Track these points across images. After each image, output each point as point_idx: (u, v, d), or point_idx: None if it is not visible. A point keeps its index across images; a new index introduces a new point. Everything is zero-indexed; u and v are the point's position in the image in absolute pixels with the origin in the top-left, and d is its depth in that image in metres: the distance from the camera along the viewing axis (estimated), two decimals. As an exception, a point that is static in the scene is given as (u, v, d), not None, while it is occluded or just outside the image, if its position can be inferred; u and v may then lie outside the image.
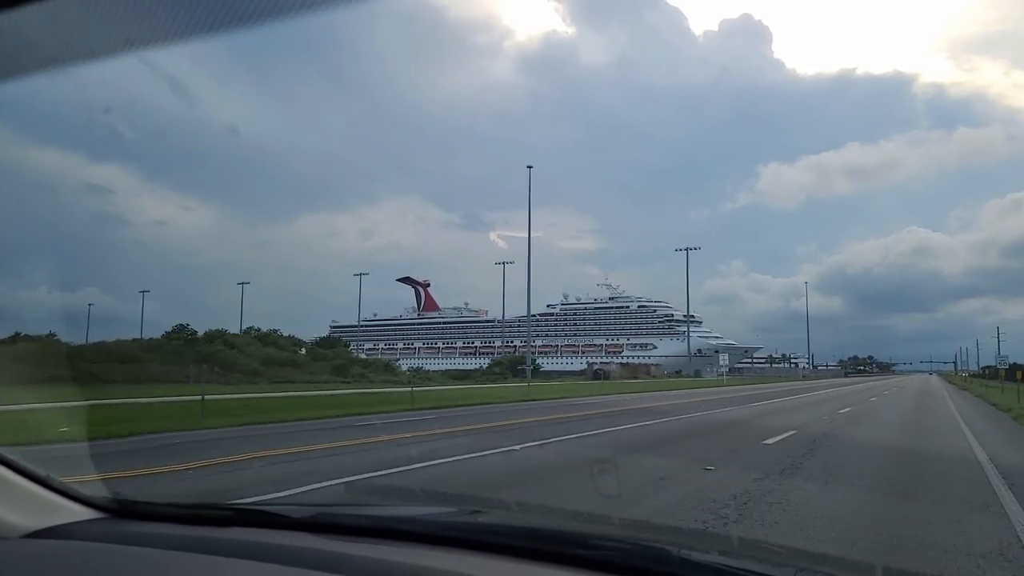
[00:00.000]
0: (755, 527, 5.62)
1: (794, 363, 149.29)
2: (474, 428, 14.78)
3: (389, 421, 16.22)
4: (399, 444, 11.69)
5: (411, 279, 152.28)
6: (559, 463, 9.46)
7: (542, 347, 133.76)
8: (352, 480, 7.84)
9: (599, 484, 6.63)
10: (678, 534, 3.54)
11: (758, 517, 5.98)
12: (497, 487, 7.58)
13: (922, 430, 16.55)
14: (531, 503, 5.95)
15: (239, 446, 10.93)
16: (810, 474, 8.57)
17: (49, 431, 9.53)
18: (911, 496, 7.49)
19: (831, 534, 5.50)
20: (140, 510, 1.97)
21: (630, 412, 20.50)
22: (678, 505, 6.48)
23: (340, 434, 12.88)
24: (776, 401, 28.09)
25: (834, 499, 7.15)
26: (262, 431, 13.86)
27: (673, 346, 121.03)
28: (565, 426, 15.34)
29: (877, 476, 8.92)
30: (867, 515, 6.46)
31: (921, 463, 10.46)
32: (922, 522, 6.12)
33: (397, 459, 9.58)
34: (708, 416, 19.24)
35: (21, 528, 1.71)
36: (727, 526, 5.62)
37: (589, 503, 5.98)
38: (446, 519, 2.06)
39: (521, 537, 1.70)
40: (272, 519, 1.87)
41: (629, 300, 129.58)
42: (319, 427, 14.74)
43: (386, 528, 1.79)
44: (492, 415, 19.14)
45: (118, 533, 1.79)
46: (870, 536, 5.52)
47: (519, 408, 22.64)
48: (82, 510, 1.89)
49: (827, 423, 16.72)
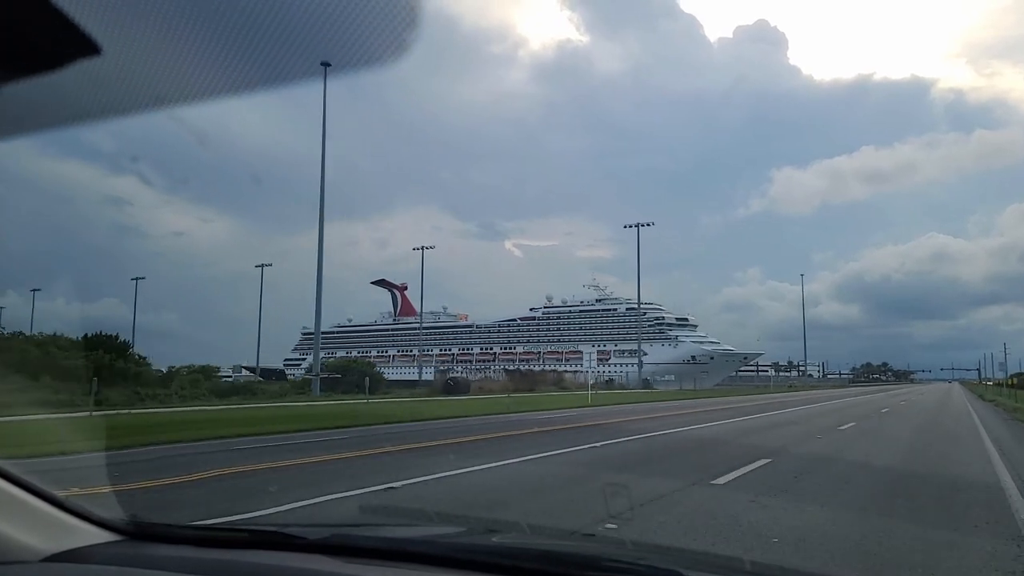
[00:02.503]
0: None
1: (802, 371, 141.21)
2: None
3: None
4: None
5: (386, 281, 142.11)
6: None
7: (523, 354, 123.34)
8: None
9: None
10: (690, 557, 3.31)
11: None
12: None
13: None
14: (544, 525, 5.78)
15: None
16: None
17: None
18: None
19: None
20: (157, 532, 1.98)
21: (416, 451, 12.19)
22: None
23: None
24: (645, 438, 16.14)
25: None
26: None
27: (665, 352, 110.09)
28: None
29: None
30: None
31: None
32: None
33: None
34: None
35: (40, 551, 1.69)
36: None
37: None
38: (460, 541, 2.11)
39: (535, 559, 1.71)
40: (287, 540, 1.89)
41: (617, 302, 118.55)
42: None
43: (401, 551, 1.81)
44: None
45: (136, 556, 1.80)
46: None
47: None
48: (99, 532, 1.87)
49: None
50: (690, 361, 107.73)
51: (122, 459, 10.70)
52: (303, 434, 15.54)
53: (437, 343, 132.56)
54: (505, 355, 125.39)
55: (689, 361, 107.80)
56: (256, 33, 1.25)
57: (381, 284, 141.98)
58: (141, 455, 11.50)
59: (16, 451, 9.74)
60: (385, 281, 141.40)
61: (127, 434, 13.78)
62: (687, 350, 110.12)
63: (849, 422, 20.44)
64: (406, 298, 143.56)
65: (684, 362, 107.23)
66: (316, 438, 14.44)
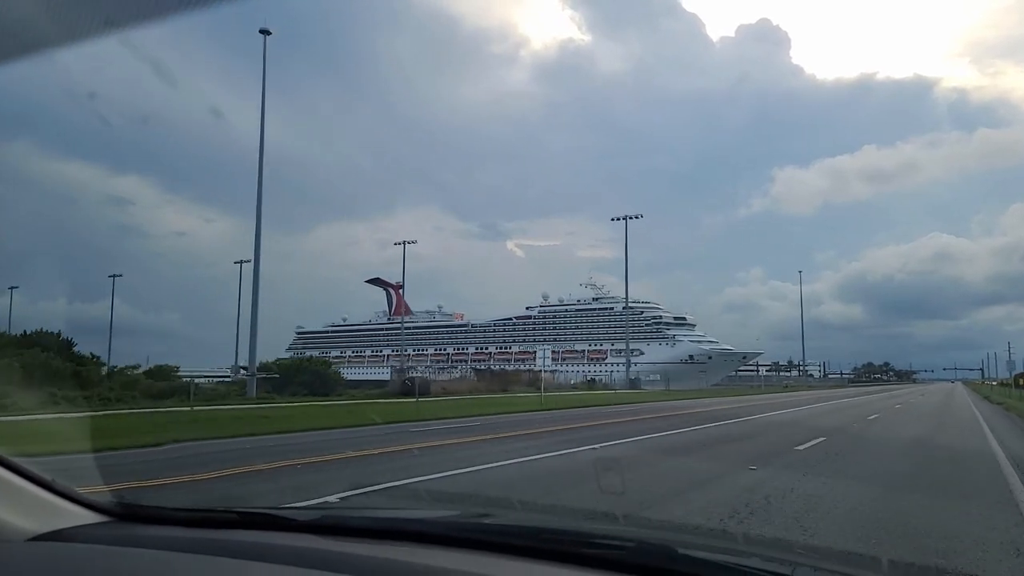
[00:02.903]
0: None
1: (803, 371, 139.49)
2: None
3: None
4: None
5: (381, 280, 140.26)
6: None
7: (518, 354, 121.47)
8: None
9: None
10: (684, 532, 3.42)
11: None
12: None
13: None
14: (537, 503, 5.79)
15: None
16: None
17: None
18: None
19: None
20: (145, 513, 1.96)
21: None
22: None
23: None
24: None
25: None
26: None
27: (662, 351, 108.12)
28: None
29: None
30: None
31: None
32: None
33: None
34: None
35: (25, 531, 1.69)
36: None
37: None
38: (453, 519, 2.11)
39: (528, 537, 1.70)
40: (277, 521, 1.87)
41: (614, 301, 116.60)
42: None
43: (393, 529, 1.81)
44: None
45: (122, 536, 1.78)
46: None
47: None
48: (86, 513, 1.86)
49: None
50: (688, 361, 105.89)
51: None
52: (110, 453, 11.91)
53: (432, 343, 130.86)
54: (501, 355, 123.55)
55: (687, 361, 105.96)
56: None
57: (376, 283, 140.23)
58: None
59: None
60: (380, 280, 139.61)
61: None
62: (685, 349, 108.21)
63: (817, 437, 14.98)
64: (401, 297, 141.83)
65: (682, 362, 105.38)
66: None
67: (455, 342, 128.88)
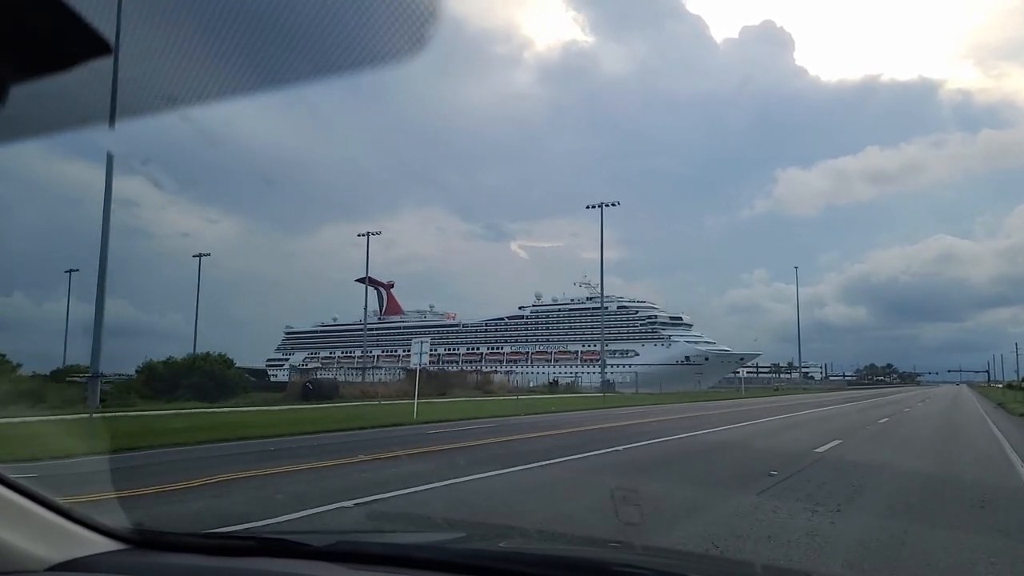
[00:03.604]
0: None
1: (804, 373, 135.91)
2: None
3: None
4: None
5: (372, 279, 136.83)
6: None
7: (511, 354, 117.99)
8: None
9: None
10: (700, 561, 3.39)
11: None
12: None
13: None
14: (552, 531, 5.55)
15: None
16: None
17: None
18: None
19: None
20: (163, 541, 1.95)
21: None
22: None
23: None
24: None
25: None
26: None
27: (657, 352, 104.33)
28: None
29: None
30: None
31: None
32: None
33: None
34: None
35: (45, 561, 1.67)
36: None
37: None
38: (467, 546, 2.10)
39: (542, 565, 1.69)
40: (293, 548, 1.87)
41: (609, 300, 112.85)
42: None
43: (407, 556, 1.80)
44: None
45: (142, 565, 1.79)
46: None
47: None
48: (105, 541, 1.84)
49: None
50: (683, 362, 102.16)
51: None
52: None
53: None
54: (492, 355, 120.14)
55: (682, 362, 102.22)
56: (265, 31, 1.24)
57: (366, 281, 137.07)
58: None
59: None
60: (370, 279, 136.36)
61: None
62: (680, 350, 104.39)
63: (775, 469, 10.84)
64: (392, 296, 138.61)
65: (677, 363, 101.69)
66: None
67: (446, 342, 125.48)
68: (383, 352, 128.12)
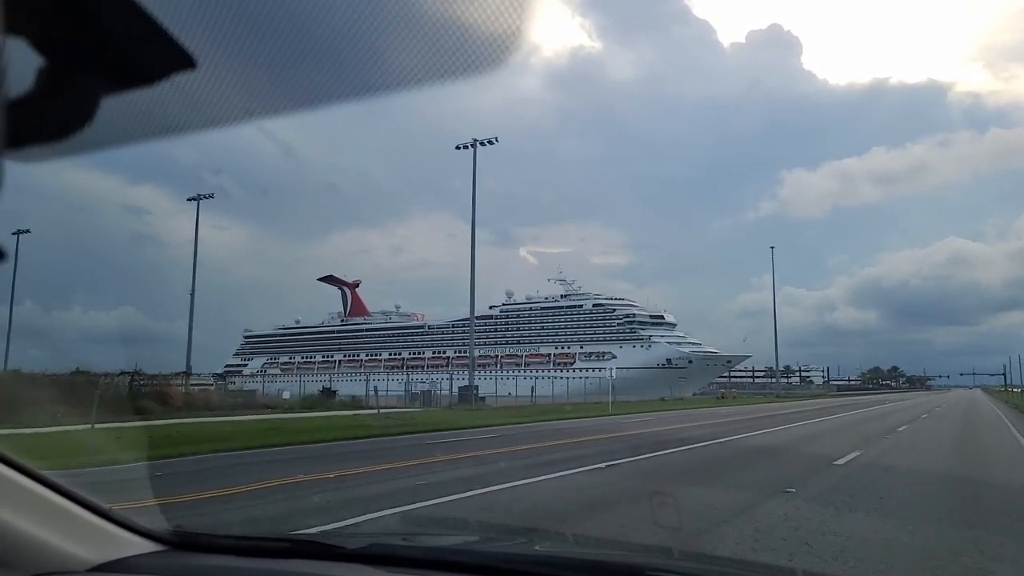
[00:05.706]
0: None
1: (805, 377, 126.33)
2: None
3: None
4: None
5: (334, 278, 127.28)
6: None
7: (480, 358, 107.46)
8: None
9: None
10: (740, 567, 3.33)
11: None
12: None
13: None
14: (588, 535, 5.48)
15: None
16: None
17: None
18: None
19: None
20: (200, 542, 1.98)
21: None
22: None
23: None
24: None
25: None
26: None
27: (636, 354, 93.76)
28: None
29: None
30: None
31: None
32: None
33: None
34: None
35: (86, 562, 1.70)
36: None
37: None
38: (501, 549, 2.09)
39: (579, 569, 1.69)
40: (328, 550, 1.92)
41: (584, 298, 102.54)
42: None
43: (441, 560, 1.81)
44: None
45: (181, 566, 1.81)
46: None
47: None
48: (143, 543, 1.87)
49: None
50: (664, 365, 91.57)
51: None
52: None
53: (388, 346, 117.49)
54: (459, 359, 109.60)
55: (663, 365, 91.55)
56: (345, 44, 1.28)
57: (328, 280, 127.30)
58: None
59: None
60: (333, 277, 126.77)
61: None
62: (662, 352, 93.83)
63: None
64: (357, 296, 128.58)
65: (658, 366, 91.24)
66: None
67: (411, 346, 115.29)
68: (344, 357, 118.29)
